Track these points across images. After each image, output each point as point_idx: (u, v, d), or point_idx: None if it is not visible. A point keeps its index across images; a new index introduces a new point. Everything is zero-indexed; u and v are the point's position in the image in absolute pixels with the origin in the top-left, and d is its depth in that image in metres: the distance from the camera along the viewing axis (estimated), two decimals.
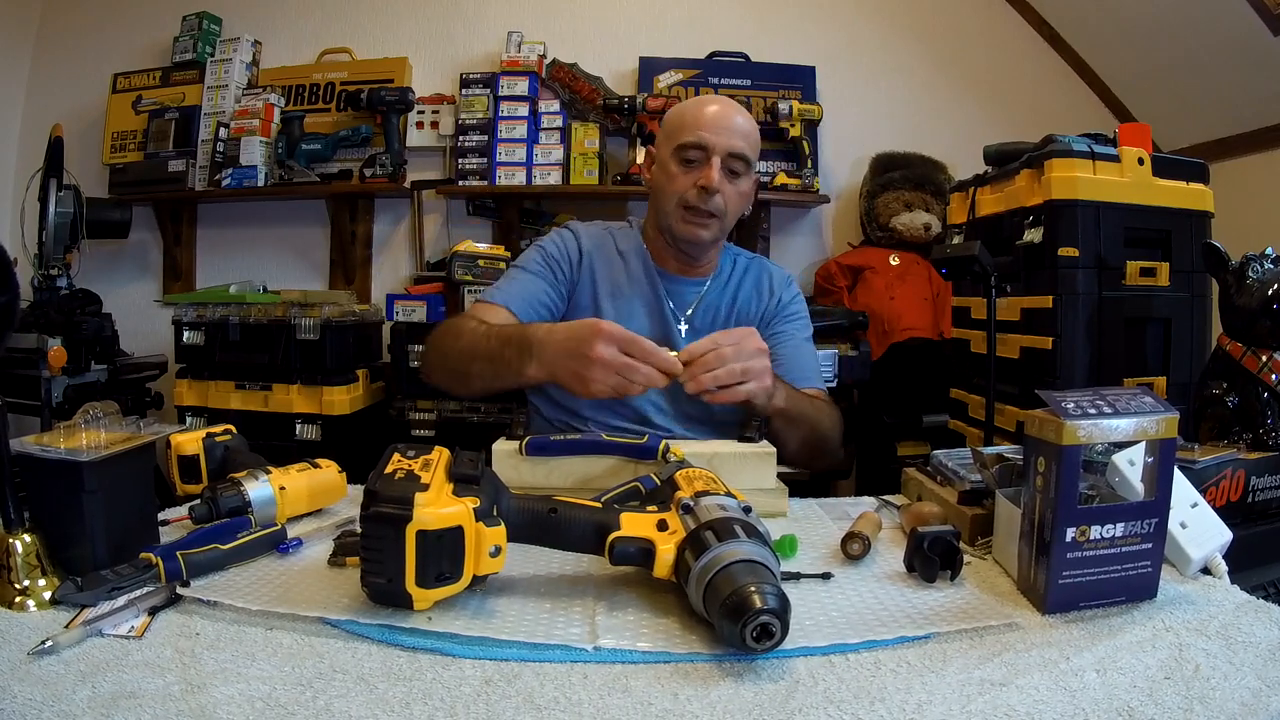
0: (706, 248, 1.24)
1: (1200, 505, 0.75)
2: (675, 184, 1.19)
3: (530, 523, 0.66)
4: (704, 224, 1.19)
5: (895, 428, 2.46)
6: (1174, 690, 0.53)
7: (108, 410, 0.80)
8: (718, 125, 1.17)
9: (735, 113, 1.21)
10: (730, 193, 1.19)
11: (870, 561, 0.77)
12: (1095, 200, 1.67)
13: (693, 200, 1.17)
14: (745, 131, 1.20)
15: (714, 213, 1.18)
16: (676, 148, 1.18)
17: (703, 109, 1.20)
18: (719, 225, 1.20)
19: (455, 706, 0.51)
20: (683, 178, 1.18)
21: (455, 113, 2.66)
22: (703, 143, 1.16)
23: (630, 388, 0.91)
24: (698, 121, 1.18)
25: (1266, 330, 1.10)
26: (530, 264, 1.24)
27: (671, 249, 1.25)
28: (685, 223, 1.19)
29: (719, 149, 1.16)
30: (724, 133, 1.17)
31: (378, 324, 2.52)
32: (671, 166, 1.19)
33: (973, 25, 2.81)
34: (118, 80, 2.78)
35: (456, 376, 1.09)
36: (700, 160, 1.17)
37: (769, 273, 1.33)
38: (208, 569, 0.70)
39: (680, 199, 1.18)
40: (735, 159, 1.18)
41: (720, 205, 1.18)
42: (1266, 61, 2.15)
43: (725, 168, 1.17)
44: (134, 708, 0.49)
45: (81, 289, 2.23)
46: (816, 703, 0.51)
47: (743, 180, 1.21)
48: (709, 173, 1.16)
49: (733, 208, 1.21)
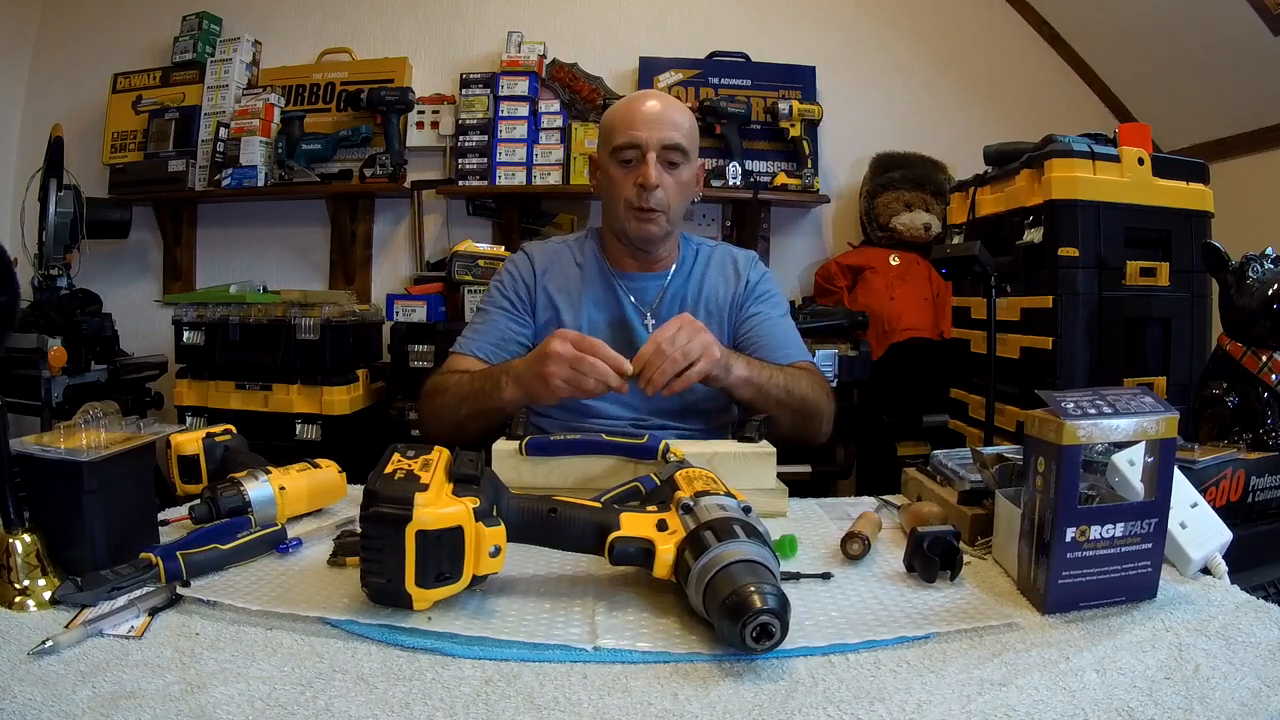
0: (659, 242, 1.25)
1: (1200, 505, 0.75)
2: (617, 187, 1.21)
3: (530, 523, 0.66)
4: (650, 219, 1.21)
5: (895, 428, 2.46)
6: (1174, 690, 0.53)
7: (108, 410, 0.80)
8: (648, 121, 1.19)
9: (664, 105, 1.22)
10: (670, 185, 1.20)
11: (870, 561, 0.77)
12: (1095, 200, 1.67)
13: (635, 200, 1.19)
14: (676, 122, 1.20)
15: (657, 208, 1.20)
16: (612, 151, 1.21)
17: (631, 108, 1.21)
18: (665, 218, 1.22)
19: (455, 706, 0.51)
20: (623, 179, 1.20)
21: (455, 113, 2.65)
22: (635, 141, 1.18)
23: (585, 382, 0.97)
24: (628, 121, 1.19)
25: (1266, 330, 1.10)
26: (491, 303, 1.28)
27: (628, 249, 1.27)
28: (635, 222, 1.21)
29: (652, 144, 1.18)
30: (655, 127, 1.18)
31: (378, 324, 2.52)
32: (611, 170, 1.22)
33: (973, 25, 2.81)
34: (118, 80, 2.78)
35: (451, 427, 1.14)
36: (636, 159, 1.19)
37: (733, 257, 1.33)
38: (208, 569, 0.70)
39: (625, 201, 1.20)
40: (670, 150, 1.19)
41: (663, 199, 1.19)
42: (1266, 61, 2.15)
43: (662, 161, 1.19)
44: (134, 708, 0.49)
45: (81, 289, 2.23)
46: (816, 703, 0.51)
47: (683, 170, 1.22)
48: (645, 170, 1.17)
49: (675, 199, 1.22)
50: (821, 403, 1.19)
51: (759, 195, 2.53)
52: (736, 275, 1.31)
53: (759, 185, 2.54)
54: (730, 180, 2.52)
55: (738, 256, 1.34)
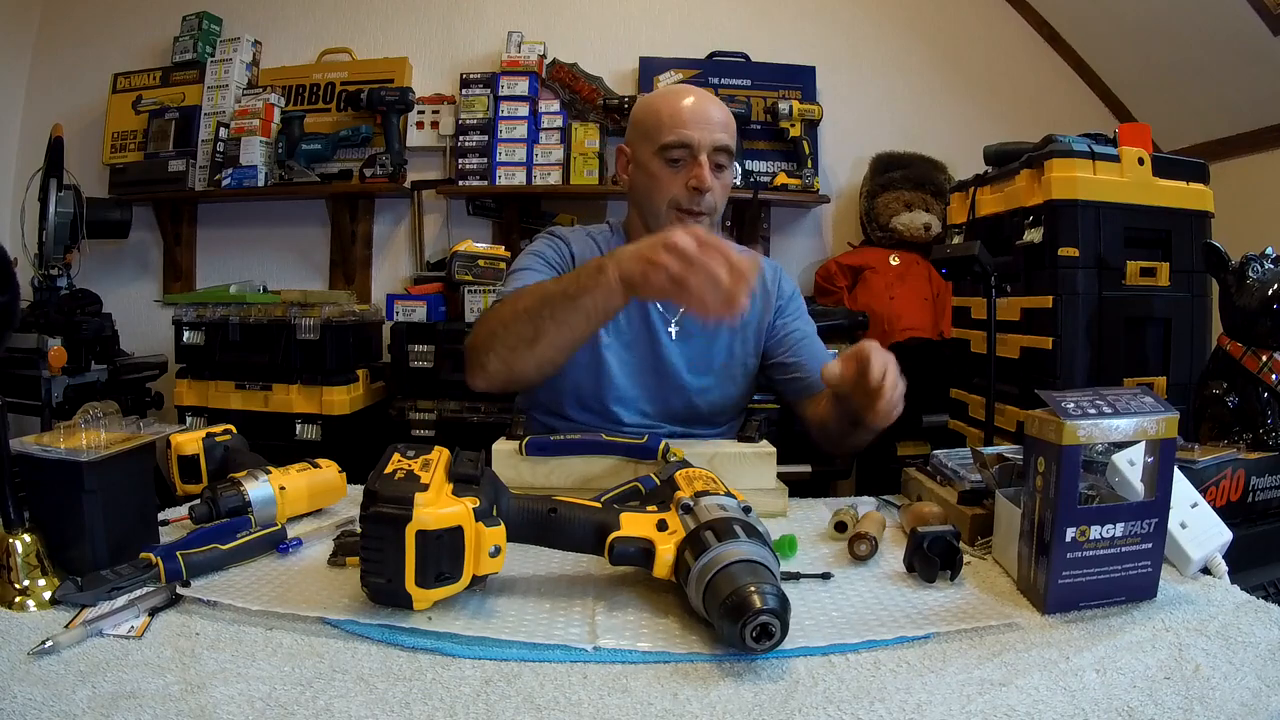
0: None
1: (1200, 505, 0.75)
2: (663, 186, 1.14)
3: (530, 523, 0.66)
4: (699, 222, 1.15)
5: (895, 428, 2.43)
6: (1174, 690, 0.53)
7: (108, 410, 0.80)
8: (698, 121, 1.13)
9: (711, 104, 1.16)
10: (718, 187, 1.16)
11: (870, 561, 0.77)
12: (1095, 200, 1.67)
13: (685, 202, 1.14)
14: (725, 122, 1.16)
15: (706, 211, 1.15)
16: (660, 148, 1.13)
17: (680, 105, 1.15)
18: (710, 221, 1.17)
19: (455, 706, 0.51)
20: (670, 179, 1.14)
21: (455, 113, 2.65)
22: (686, 140, 1.12)
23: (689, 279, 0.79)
24: (677, 119, 1.13)
25: (1266, 330, 1.10)
26: (533, 263, 1.19)
27: None
28: (680, 224, 1.11)
29: (704, 145, 1.12)
30: (706, 127, 1.13)
31: (378, 324, 2.52)
32: (655, 167, 1.15)
33: (973, 25, 2.81)
34: (118, 80, 2.77)
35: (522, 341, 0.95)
36: (685, 159, 1.13)
37: (761, 268, 1.29)
38: (208, 569, 0.70)
39: (671, 201, 1.14)
40: (719, 152, 1.14)
41: (712, 203, 1.15)
42: (1266, 61, 2.15)
43: (711, 163, 1.13)
44: (134, 708, 0.49)
45: (81, 289, 2.23)
46: (816, 703, 0.51)
47: (727, 172, 1.18)
48: (700, 173, 1.11)
49: (722, 202, 1.18)
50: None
51: (759, 195, 2.53)
52: (765, 290, 1.26)
53: (759, 185, 2.54)
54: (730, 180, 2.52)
55: (765, 268, 1.27)
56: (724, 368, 1.22)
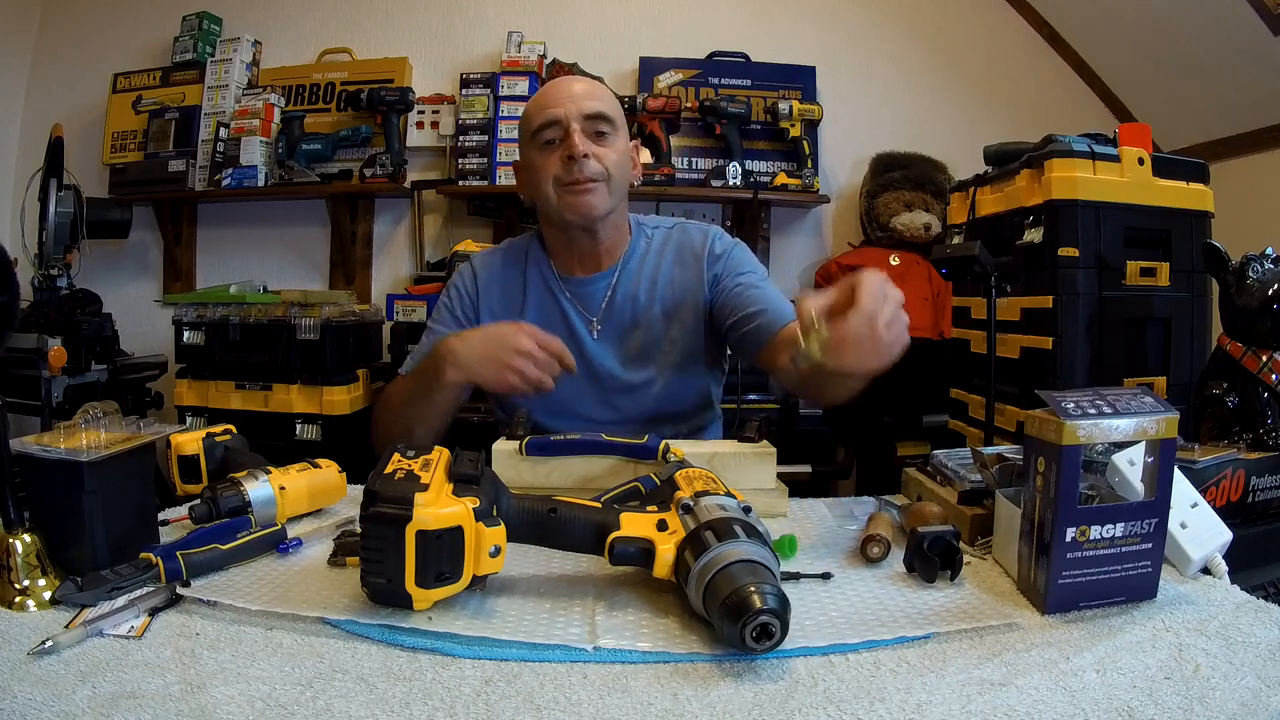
0: (604, 219, 1.13)
1: (1200, 505, 0.75)
2: (543, 170, 1.11)
3: (530, 523, 0.66)
4: (588, 189, 1.09)
5: (895, 428, 2.45)
6: (1174, 690, 0.53)
7: (108, 410, 0.80)
8: (559, 97, 1.11)
9: (575, 80, 1.15)
10: (604, 153, 1.10)
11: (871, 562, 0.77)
12: (1095, 200, 1.67)
13: (565, 176, 1.09)
14: (590, 92, 1.12)
15: (594, 177, 1.09)
16: (531, 136, 1.12)
17: (544, 91, 1.15)
18: (606, 189, 1.10)
19: (455, 706, 0.51)
20: (547, 161, 1.10)
21: (455, 113, 2.65)
22: (552, 117, 1.09)
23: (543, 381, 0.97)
24: (541, 104, 1.12)
25: (1266, 330, 1.10)
26: (438, 322, 1.23)
27: (571, 244, 1.17)
28: (570, 197, 1.10)
29: (571, 116, 1.09)
30: (570, 100, 1.10)
31: (378, 324, 2.52)
32: (535, 157, 1.12)
33: (973, 25, 2.81)
34: (118, 80, 2.78)
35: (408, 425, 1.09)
36: (557, 137, 1.10)
37: (689, 238, 1.21)
38: (208, 569, 0.70)
39: (554, 180, 1.10)
40: (593, 119, 1.10)
41: (599, 168, 1.09)
42: (1266, 61, 2.15)
43: (588, 133, 1.09)
44: (134, 708, 0.49)
45: (81, 289, 2.23)
46: (816, 703, 0.51)
47: (614, 139, 1.12)
48: (570, 140, 1.08)
49: (615, 168, 1.11)
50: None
51: (759, 195, 2.53)
52: (696, 256, 1.18)
53: (759, 185, 2.54)
54: (730, 180, 2.52)
55: (693, 235, 1.21)
56: (665, 356, 1.16)
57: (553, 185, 1.10)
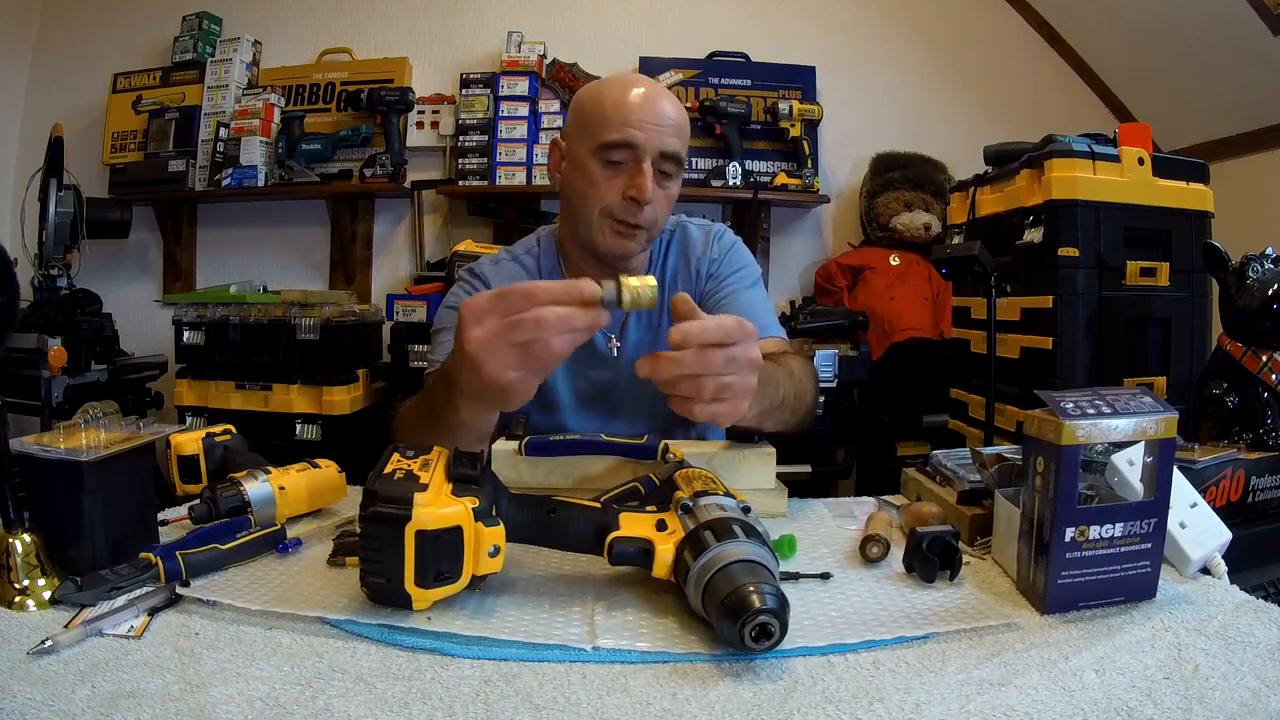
0: (633, 260, 1.09)
1: (1200, 505, 0.75)
2: (599, 192, 1.01)
3: (529, 523, 0.66)
4: (632, 236, 1.03)
5: (895, 428, 2.46)
6: (1173, 690, 0.53)
7: (108, 410, 0.80)
8: (646, 119, 0.98)
9: (664, 100, 1.01)
10: (661, 199, 1.02)
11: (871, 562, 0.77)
12: (1095, 200, 1.67)
13: (620, 213, 1.00)
14: (678, 124, 1.01)
15: (644, 225, 1.02)
16: (599, 147, 0.99)
17: (627, 97, 0.99)
18: (647, 236, 1.05)
19: (454, 706, 0.51)
20: (607, 184, 1.00)
21: (455, 113, 2.66)
22: (631, 141, 0.98)
23: (532, 348, 0.63)
24: (623, 114, 0.98)
25: (1266, 330, 1.10)
26: (448, 326, 1.02)
27: (593, 261, 1.09)
28: (613, 236, 1.03)
29: (650, 150, 0.98)
30: (655, 129, 0.98)
31: (378, 324, 2.53)
32: (592, 168, 1.01)
33: (973, 25, 2.82)
34: (118, 80, 2.78)
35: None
36: (627, 161, 0.99)
37: (688, 236, 1.15)
38: (207, 569, 0.70)
39: (605, 209, 1.01)
40: (667, 160, 1.00)
41: (651, 216, 1.01)
42: (1266, 61, 2.15)
43: (656, 170, 0.99)
44: (134, 707, 0.49)
45: (81, 289, 2.23)
46: (815, 703, 0.51)
47: (674, 182, 1.04)
48: (642, 182, 0.98)
49: (663, 216, 1.05)
50: (810, 393, 1.00)
51: (759, 195, 2.53)
52: (689, 255, 1.14)
53: (759, 185, 2.54)
54: (730, 180, 2.52)
55: (692, 233, 1.15)
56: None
57: (600, 214, 1.02)
